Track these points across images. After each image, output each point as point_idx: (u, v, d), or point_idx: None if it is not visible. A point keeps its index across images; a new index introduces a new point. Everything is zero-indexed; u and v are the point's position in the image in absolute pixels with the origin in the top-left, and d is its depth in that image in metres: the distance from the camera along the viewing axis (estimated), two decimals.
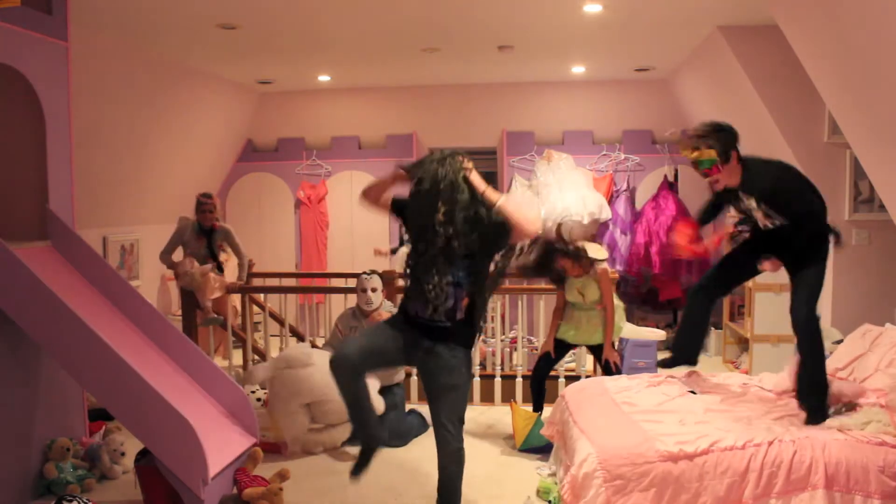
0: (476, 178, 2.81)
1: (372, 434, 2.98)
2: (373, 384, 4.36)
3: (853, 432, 3.06)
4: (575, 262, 4.37)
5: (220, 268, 5.63)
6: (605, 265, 4.46)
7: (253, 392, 5.32)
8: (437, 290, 2.79)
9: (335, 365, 2.89)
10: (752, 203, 3.27)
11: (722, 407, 3.49)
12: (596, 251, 4.44)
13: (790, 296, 3.34)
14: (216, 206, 5.65)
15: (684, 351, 3.69)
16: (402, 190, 2.97)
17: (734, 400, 3.62)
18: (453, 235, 2.75)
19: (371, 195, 3.03)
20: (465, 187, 2.77)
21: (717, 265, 3.67)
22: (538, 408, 4.54)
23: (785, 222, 3.28)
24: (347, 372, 2.90)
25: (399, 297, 4.74)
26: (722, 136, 3.13)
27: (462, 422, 2.97)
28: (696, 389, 3.75)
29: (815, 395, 3.26)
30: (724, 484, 2.89)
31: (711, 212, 3.63)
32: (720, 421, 3.24)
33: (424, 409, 3.98)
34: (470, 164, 2.82)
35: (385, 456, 4.30)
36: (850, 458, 2.91)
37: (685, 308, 3.79)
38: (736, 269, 3.62)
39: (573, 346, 4.65)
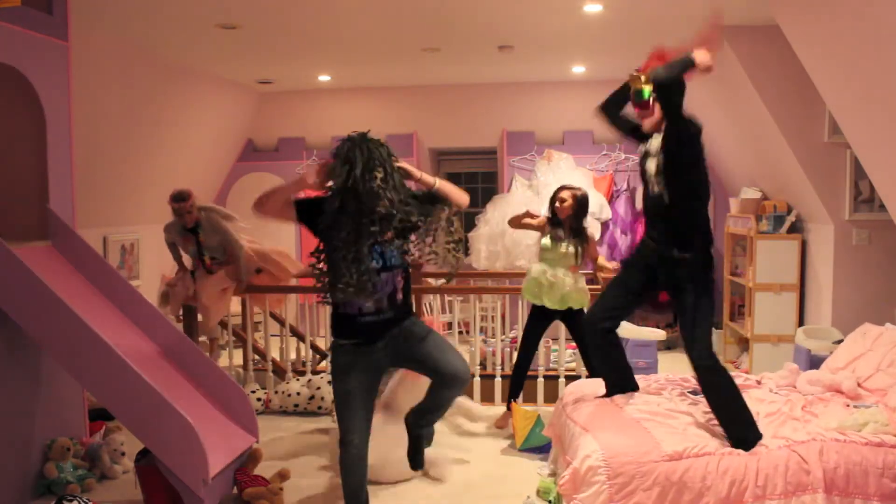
0: (407, 165, 2.83)
1: None
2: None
3: (851, 433, 3.07)
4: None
5: (208, 270, 5.36)
6: (593, 232, 4.84)
7: (253, 392, 5.32)
8: (371, 279, 2.71)
9: (346, 452, 2.89)
10: (657, 148, 3.22)
11: None
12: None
13: (680, 332, 3.25)
14: (191, 205, 5.19)
15: (620, 385, 3.61)
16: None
17: None
18: (398, 220, 2.72)
19: (273, 204, 2.88)
20: (398, 171, 2.77)
21: (610, 293, 3.50)
22: (515, 395, 4.69)
23: (666, 195, 3.20)
24: (362, 464, 2.90)
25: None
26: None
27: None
28: (697, 391, 3.75)
29: (739, 428, 3.10)
30: (726, 484, 2.89)
31: (623, 120, 3.50)
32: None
33: None
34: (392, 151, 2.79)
35: None
36: (848, 460, 2.92)
37: (593, 349, 3.65)
38: (630, 296, 3.47)
39: (552, 315, 4.61)
